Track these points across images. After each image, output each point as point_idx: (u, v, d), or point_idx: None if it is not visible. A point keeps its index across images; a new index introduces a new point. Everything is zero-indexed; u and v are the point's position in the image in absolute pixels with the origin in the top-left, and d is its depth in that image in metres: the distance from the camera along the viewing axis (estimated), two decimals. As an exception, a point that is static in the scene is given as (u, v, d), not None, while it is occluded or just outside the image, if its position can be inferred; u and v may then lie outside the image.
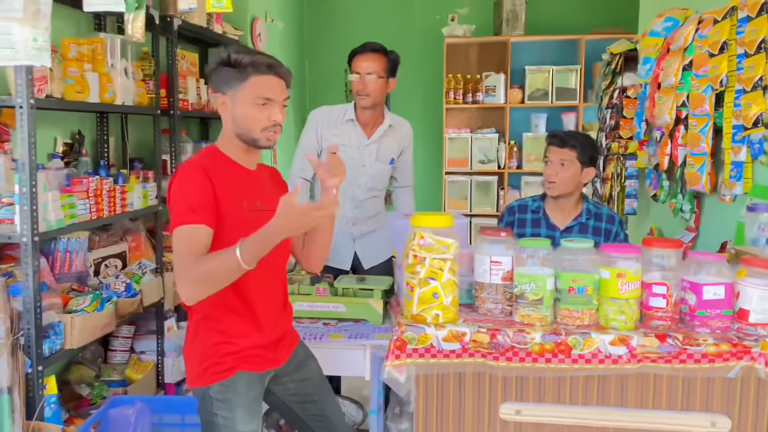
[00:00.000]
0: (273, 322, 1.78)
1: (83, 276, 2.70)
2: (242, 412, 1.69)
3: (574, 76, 5.67)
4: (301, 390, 1.88)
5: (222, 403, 1.68)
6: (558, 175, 2.38)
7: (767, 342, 1.66)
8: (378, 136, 2.72)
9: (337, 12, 6.41)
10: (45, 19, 1.84)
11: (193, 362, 1.73)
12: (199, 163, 1.70)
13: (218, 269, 1.56)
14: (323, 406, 1.91)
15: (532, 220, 2.50)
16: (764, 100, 2.21)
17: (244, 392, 1.70)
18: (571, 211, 2.46)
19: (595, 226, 2.44)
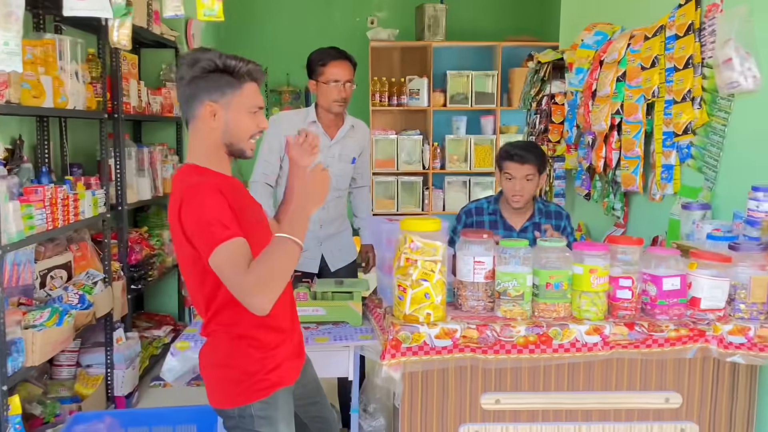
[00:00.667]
0: (294, 328, 1.80)
1: (29, 289, 2.58)
2: (283, 426, 1.68)
3: (491, 81, 5.94)
4: (305, 393, 1.88)
5: (264, 420, 1.65)
6: (524, 189, 2.55)
7: (717, 326, 1.89)
8: (340, 137, 2.77)
9: (255, 11, 6.35)
10: (17, 22, 1.75)
11: (228, 382, 1.67)
12: (205, 182, 1.60)
13: (276, 263, 1.52)
14: (321, 407, 1.95)
15: (490, 221, 2.65)
16: (693, 110, 2.48)
17: (283, 407, 1.69)
18: (524, 212, 2.64)
19: (547, 223, 2.62)
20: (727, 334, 1.89)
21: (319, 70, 2.67)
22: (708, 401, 2.05)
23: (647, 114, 2.77)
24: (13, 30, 1.73)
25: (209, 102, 1.62)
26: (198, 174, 1.64)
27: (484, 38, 6.02)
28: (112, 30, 1.79)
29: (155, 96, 3.56)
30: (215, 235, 1.51)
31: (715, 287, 1.92)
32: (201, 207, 1.54)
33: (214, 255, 1.51)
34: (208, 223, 1.52)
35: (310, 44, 6.62)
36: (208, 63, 1.62)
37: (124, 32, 1.79)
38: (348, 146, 2.82)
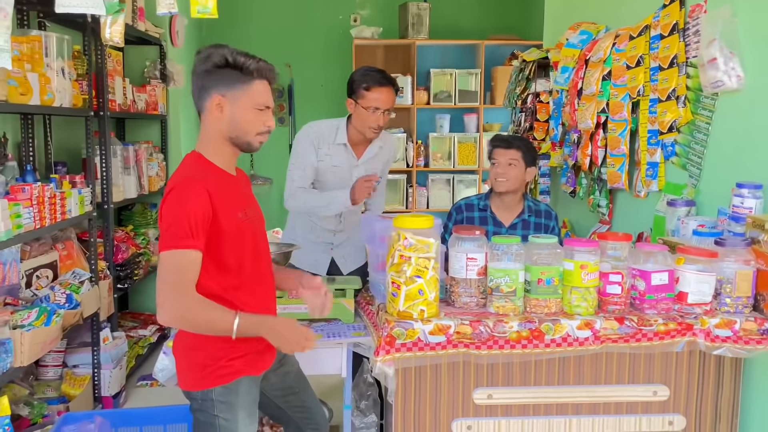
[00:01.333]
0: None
1: (15, 288, 2.54)
2: (243, 414, 1.73)
3: (474, 79, 5.97)
4: (284, 383, 1.94)
5: (224, 405, 1.70)
6: (507, 173, 2.58)
7: (705, 319, 1.94)
8: (367, 158, 2.70)
9: (236, 8, 6.31)
10: (6, 18, 1.73)
11: (195, 365, 1.73)
12: (198, 179, 1.66)
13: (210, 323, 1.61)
14: (304, 397, 1.99)
15: (480, 217, 2.68)
16: (677, 108, 2.53)
17: (245, 395, 1.74)
18: (514, 209, 2.67)
19: (536, 222, 2.66)
20: (714, 327, 1.93)
21: (361, 92, 2.53)
22: (695, 394, 2.10)
23: (632, 112, 2.82)
24: (2, 26, 1.71)
25: (217, 95, 1.69)
26: (197, 167, 1.72)
27: (468, 37, 6.05)
28: (104, 27, 1.77)
29: (140, 93, 3.53)
30: (177, 239, 1.58)
31: (702, 282, 1.96)
32: (181, 203, 1.61)
33: (166, 254, 1.58)
34: (177, 222, 1.59)
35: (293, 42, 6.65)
36: (219, 58, 1.69)
37: (116, 29, 1.78)
38: (373, 166, 2.74)
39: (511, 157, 2.58)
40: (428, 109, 6.00)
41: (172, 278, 1.57)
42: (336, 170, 2.65)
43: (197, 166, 1.73)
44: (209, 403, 1.70)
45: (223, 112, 1.69)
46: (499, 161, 2.60)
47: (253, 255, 1.76)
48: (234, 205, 1.72)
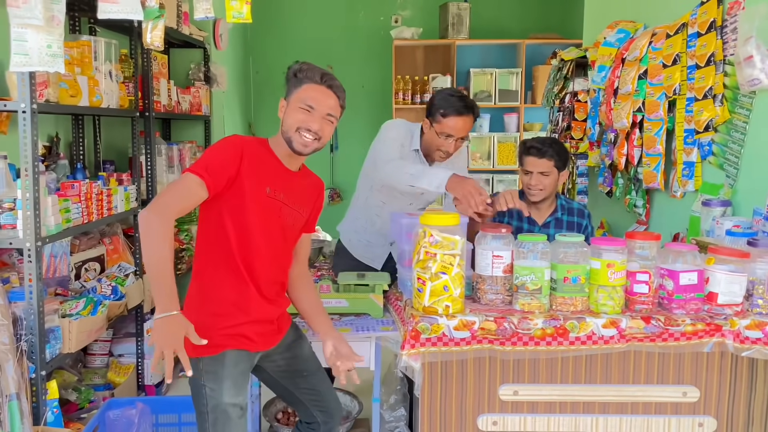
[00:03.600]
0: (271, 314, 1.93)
1: (65, 280, 2.68)
2: (228, 384, 1.81)
3: (515, 79, 5.95)
4: (291, 366, 2.02)
5: (210, 375, 1.80)
6: (540, 184, 2.55)
7: (734, 320, 1.91)
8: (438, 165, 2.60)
9: (281, 11, 6.44)
10: (59, 25, 1.85)
11: None
12: (243, 139, 1.87)
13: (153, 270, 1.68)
14: (314, 380, 2.05)
15: (515, 213, 2.66)
16: (714, 107, 2.49)
17: (231, 367, 1.82)
18: (547, 208, 2.66)
19: (568, 221, 2.65)
20: (744, 329, 1.90)
21: (438, 117, 2.46)
22: (726, 396, 2.07)
23: (669, 111, 2.79)
24: (56, 33, 1.83)
25: (283, 98, 1.93)
26: (251, 138, 1.94)
27: (508, 36, 6.03)
28: (145, 32, 1.87)
29: (184, 95, 3.66)
30: (196, 165, 1.76)
31: (733, 282, 1.93)
32: (215, 145, 1.85)
33: (182, 175, 1.77)
34: (205, 156, 1.80)
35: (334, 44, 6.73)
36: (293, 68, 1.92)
37: (157, 34, 1.88)
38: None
39: (544, 168, 2.53)
40: (468, 108, 5.99)
41: (169, 188, 1.76)
42: None
43: (256, 140, 1.92)
44: (198, 372, 1.79)
45: (282, 112, 1.90)
46: (531, 170, 2.57)
47: (264, 234, 1.86)
48: (267, 181, 1.84)
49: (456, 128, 2.45)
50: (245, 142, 1.86)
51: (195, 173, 1.73)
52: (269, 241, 1.89)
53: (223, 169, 1.76)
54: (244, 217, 1.82)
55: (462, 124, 2.46)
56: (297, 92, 1.86)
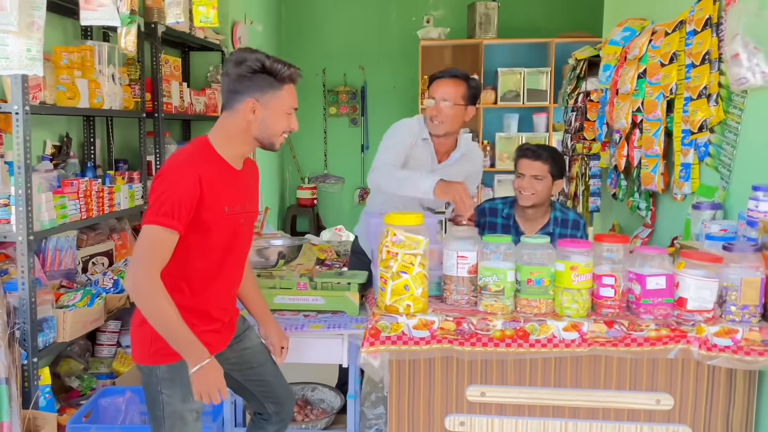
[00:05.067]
0: (225, 312, 1.95)
1: (72, 273, 2.83)
2: (185, 391, 1.81)
3: (544, 78, 5.88)
4: (241, 359, 2.04)
5: (167, 382, 1.81)
6: (532, 188, 2.52)
7: (702, 327, 1.85)
8: (448, 164, 2.65)
9: (314, 14, 6.55)
10: (39, 30, 1.96)
11: (143, 342, 1.82)
12: (194, 163, 1.74)
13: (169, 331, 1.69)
14: (262, 371, 2.08)
15: (503, 225, 2.64)
16: (708, 107, 2.41)
17: (188, 373, 1.80)
18: (539, 220, 2.61)
19: (561, 233, 2.58)
20: (713, 336, 1.84)
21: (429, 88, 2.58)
22: (702, 404, 2.01)
23: (668, 111, 2.71)
24: (35, 38, 1.94)
25: (252, 100, 1.77)
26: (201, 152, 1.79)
27: (538, 35, 5.96)
28: (119, 37, 1.97)
29: (198, 96, 3.78)
30: (161, 216, 1.66)
31: (703, 288, 1.87)
32: (171, 181, 1.70)
33: (147, 228, 1.67)
34: (165, 199, 1.67)
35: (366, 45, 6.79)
36: (255, 63, 1.76)
37: (130, 39, 1.97)
38: (453, 173, 2.62)
39: (538, 170, 2.50)
40: (495, 108, 5.96)
41: (145, 250, 1.67)
42: (417, 165, 2.60)
43: (202, 151, 1.80)
44: (154, 379, 1.81)
45: (256, 114, 1.78)
46: (523, 173, 2.55)
47: (224, 251, 1.85)
48: (224, 200, 1.80)
49: (435, 89, 2.51)
50: (197, 166, 1.74)
51: (164, 225, 1.66)
52: (231, 252, 1.88)
53: (188, 210, 1.70)
54: (206, 238, 1.78)
55: (442, 85, 2.51)
56: (279, 96, 1.79)
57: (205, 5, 1.90)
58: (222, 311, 1.93)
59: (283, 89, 1.80)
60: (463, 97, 2.52)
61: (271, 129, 1.81)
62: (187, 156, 1.77)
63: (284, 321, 2.25)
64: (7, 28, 1.85)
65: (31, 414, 2.22)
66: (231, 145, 1.83)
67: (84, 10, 1.91)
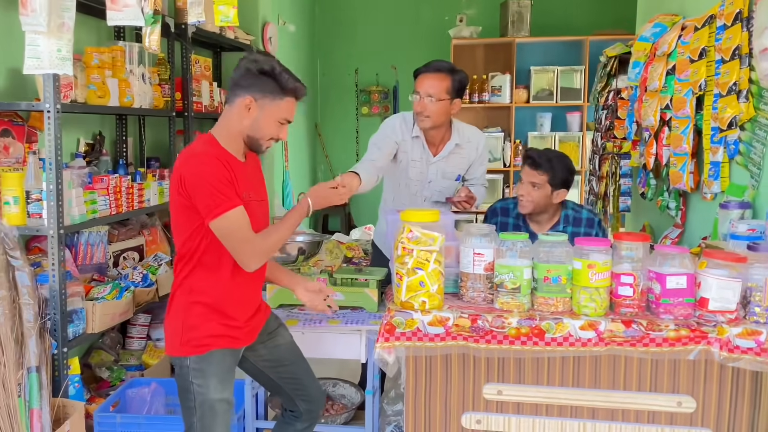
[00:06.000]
0: (253, 305, 1.99)
1: (103, 267, 2.91)
2: (215, 381, 1.87)
3: (578, 77, 5.79)
4: (273, 355, 2.08)
5: (198, 372, 1.86)
6: (528, 195, 2.49)
7: (724, 328, 1.81)
8: (443, 155, 2.65)
9: (347, 14, 6.59)
10: (69, 31, 2.03)
11: (174, 333, 1.89)
12: (211, 153, 1.80)
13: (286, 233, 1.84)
14: (295, 369, 2.11)
15: (513, 225, 2.61)
16: (738, 104, 2.35)
17: (218, 364, 1.88)
18: (547, 221, 2.58)
19: (573, 232, 2.54)
20: (735, 337, 1.80)
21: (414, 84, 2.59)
22: (726, 408, 1.96)
23: (698, 109, 2.65)
24: (65, 38, 2.01)
25: (250, 97, 1.82)
26: (205, 144, 1.86)
27: (572, 33, 5.87)
28: (144, 36, 2.02)
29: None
30: (220, 205, 1.74)
31: (725, 288, 1.83)
32: (202, 174, 1.76)
33: (217, 222, 1.74)
34: (210, 191, 1.74)
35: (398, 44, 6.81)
36: (265, 65, 1.82)
37: (153, 38, 2.02)
38: (452, 163, 2.68)
39: (535, 179, 2.46)
40: (527, 107, 5.90)
41: (236, 238, 1.77)
42: (415, 164, 2.64)
43: (209, 146, 1.85)
44: (185, 370, 1.86)
45: (250, 112, 1.82)
46: (523, 180, 2.51)
47: None
48: (242, 188, 1.86)
49: (420, 85, 2.53)
50: (218, 157, 1.81)
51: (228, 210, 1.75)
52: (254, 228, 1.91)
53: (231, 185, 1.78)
54: None
55: (423, 80, 2.53)
56: (278, 104, 1.83)
57: (225, 4, 1.94)
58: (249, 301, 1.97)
59: (284, 100, 1.84)
60: (447, 91, 2.52)
61: (260, 131, 1.85)
62: (201, 150, 1.82)
63: (303, 316, 2.28)
64: (37, 29, 1.93)
65: (60, 402, 2.30)
66: (231, 141, 1.87)
67: (110, 11, 1.97)
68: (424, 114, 2.54)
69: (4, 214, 2.30)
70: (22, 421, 2.13)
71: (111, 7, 1.97)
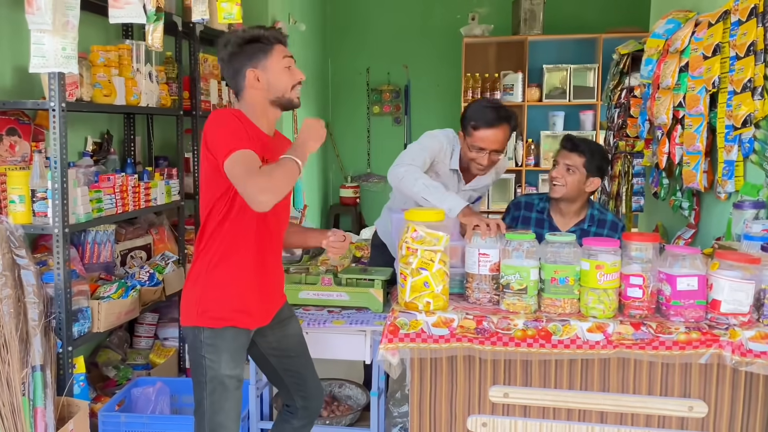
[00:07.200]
0: (270, 286, 1.98)
1: (110, 266, 2.91)
2: (227, 357, 1.86)
3: (591, 75, 5.73)
4: (281, 344, 2.07)
5: (210, 347, 1.85)
6: (562, 178, 2.44)
7: (736, 331, 1.76)
8: (474, 185, 2.63)
9: (359, 12, 6.57)
10: (73, 30, 2.02)
11: (191, 302, 1.88)
12: (236, 114, 1.85)
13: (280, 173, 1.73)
14: (298, 362, 2.10)
15: (537, 219, 2.58)
16: (753, 101, 2.29)
17: (231, 340, 1.87)
18: (573, 216, 2.54)
19: (597, 233, 2.50)
20: (748, 340, 1.75)
21: (469, 129, 2.42)
22: (739, 413, 1.91)
23: (712, 106, 2.59)
24: (69, 37, 2.01)
25: (250, 70, 1.88)
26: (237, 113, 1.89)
27: (585, 31, 5.81)
28: (147, 34, 2.01)
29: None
30: (231, 144, 1.74)
31: (738, 290, 1.78)
32: (222, 124, 1.81)
33: (229, 159, 1.72)
34: (224, 135, 1.77)
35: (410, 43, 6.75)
36: (237, 38, 1.89)
37: (156, 36, 2.01)
38: (479, 185, 2.65)
39: (572, 162, 2.43)
40: (540, 106, 5.85)
41: (242, 171, 1.71)
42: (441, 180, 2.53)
43: (239, 113, 1.88)
44: (198, 343, 1.86)
45: (260, 81, 1.88)
46: (558, 162, 2.49)
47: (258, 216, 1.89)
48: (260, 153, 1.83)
49: (487, 140, 2.37)
50: (238, 116, 1.85)
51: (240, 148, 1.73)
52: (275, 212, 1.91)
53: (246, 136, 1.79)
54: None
55: (493, 136, 2.37)
56: (272, 57, 1.88)
57: (228, 1, 1.92)
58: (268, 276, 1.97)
59: (273, 50, 1.89)
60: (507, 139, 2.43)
61: (278, 87, 1.90)
62: (227, 111, 1.87)
63: (308, 316, 2.26)
64: (42, 27, 1.92)
65: (65, 401, 2.30)
66: (259, 116, 1.92)
67: (112, 8, 1.97)
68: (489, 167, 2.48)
69: (9, 212, 2.30)
70: (26, 420, 2.13)
71: (113, 4, 1.96)
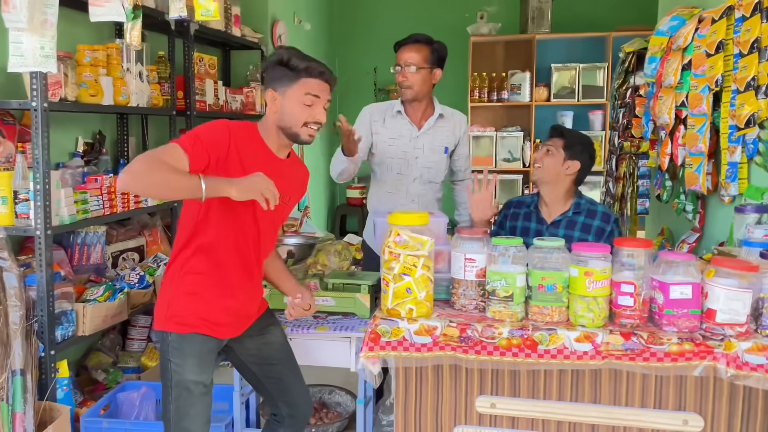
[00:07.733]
0: (246, 304, 1.94)
1: (101, 268, 2.87)
2: (193, 362, 1.82)
3: (601, 74, 5.62)
4: (261, 352, 2.03)
5: (176, 351, 1.83)
6: (541, 160, 2.40)
7: (732, 342, 1.67)
8: (428, 127, 2.68)
9: (366, 11, 6.51)
10: (52, 28, 1.98)
11: (162, 305, 1.87)
12: (231, 123, 1.82)
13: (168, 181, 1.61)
14: (282, 370, 2.05)
15: (525, 213, 2.51)
16: (756, 100, 2.20)
17: (198, 346, 1.84)
18: (558, 206, 2.45)
19: (585, 223, 2.42)
20: (744, 352, 1.66)
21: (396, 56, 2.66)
22: (737, 428, 1.81)
23: (716, 106, 2.49)
24: (48, 35, 1.97)
25: (271, 90, 1.89)
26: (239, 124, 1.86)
27: (594, 29, 5.70)
28: (126, 32, 1.96)
29: (234, 95, 3.78)
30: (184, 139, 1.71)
31: (734, 299, 1.69)
32: (204, 125, 1.79)
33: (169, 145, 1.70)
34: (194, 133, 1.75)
35: (416, 42, 6.65)
36: (276, 58, 1.90)
37: (134, 33, 1.97)
38: (439, 136, 2.71)
39: (552, 143, 2.40)
40: (548, 106, 5.75)
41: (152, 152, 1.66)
42: (395, 142, 2.68)
43: (243, 126, 1.87)
44: (165, 346, 1.83)
45: (275, 104, 1.87)
46: (541, 147, 2.46)
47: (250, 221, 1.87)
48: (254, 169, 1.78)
49: (400, 57, 2.61)
50: (233, 126, 1.83)
51: (181, 146, 1.69)
52: (255, 228, 1.90)
53: (206, 151, 1.72)
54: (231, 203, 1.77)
55: (403, 52, 2.61)
56: (295, 87, 1.85)
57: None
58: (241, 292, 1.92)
59: (298, 81, 1.85)
60: (426, 60, 2.60)
61: (290, 118, 1.86)
62: (227, 121, 1.85)
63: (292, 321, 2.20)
64: (17, 25, 1.88)
65: (47, 405, 2.26)
66: (270, 135, 1.91)
67: (92, 6, 1.93)
68: (406, 84, 2.61)
69: (-8, 214, 2.27)
70: (4, 425, 2.10)
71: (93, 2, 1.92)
